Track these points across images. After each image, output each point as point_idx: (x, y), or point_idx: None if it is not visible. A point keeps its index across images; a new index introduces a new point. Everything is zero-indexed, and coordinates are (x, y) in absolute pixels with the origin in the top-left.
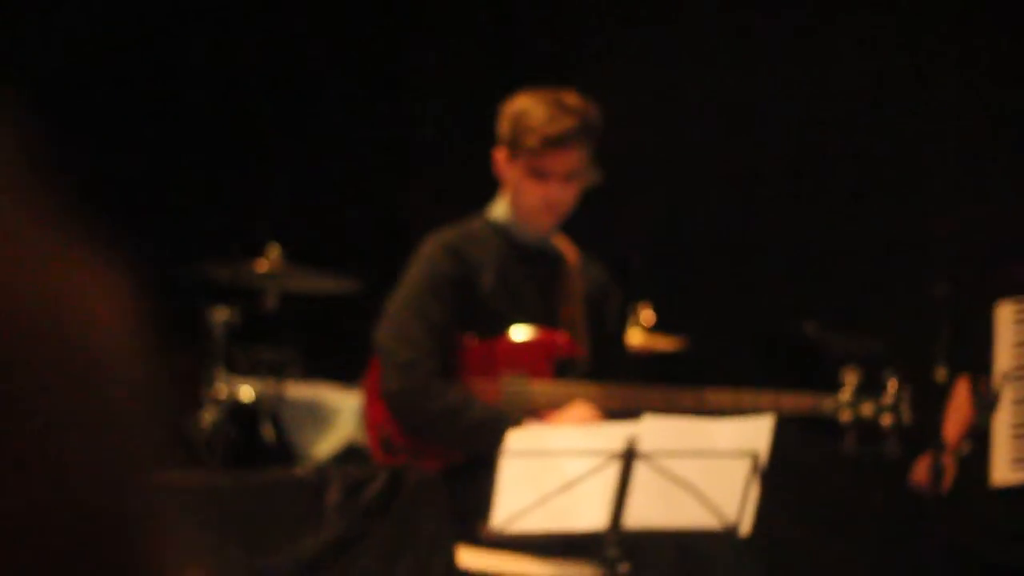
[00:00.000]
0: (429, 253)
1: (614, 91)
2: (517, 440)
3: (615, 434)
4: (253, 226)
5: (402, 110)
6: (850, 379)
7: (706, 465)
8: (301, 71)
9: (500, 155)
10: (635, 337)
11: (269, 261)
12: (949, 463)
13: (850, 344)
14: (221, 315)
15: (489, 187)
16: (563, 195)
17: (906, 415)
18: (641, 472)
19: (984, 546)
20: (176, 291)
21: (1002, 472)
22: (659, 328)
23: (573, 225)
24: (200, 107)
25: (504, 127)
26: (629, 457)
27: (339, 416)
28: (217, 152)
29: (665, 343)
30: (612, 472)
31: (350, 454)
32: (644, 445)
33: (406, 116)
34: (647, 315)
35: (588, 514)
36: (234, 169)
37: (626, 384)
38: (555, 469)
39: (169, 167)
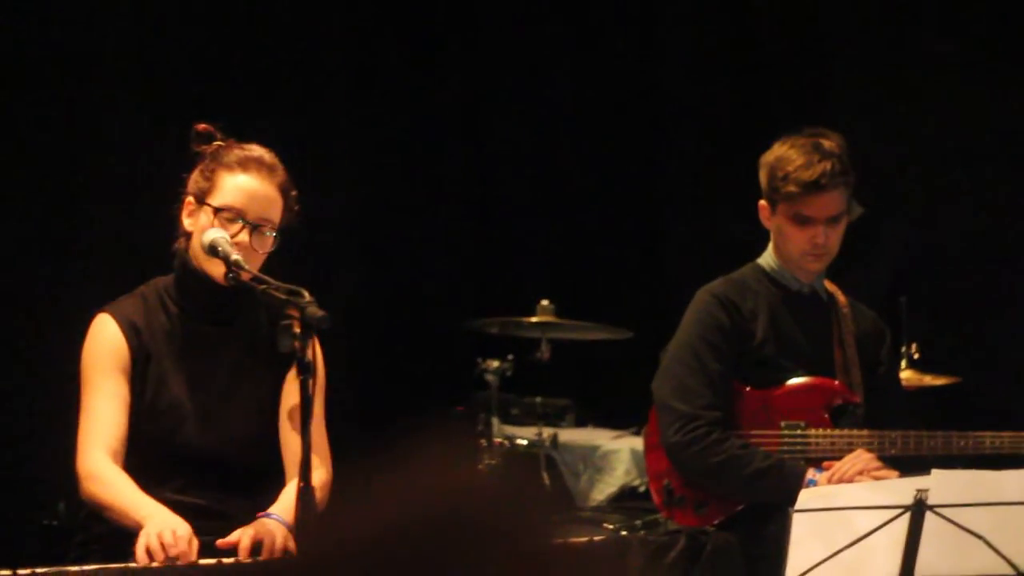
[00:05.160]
0: (702, 305)
1: (868, 126)
2: (808, 498)
3: (904, 488)
4: (524, 284)
5: (660, 162)
6: None
7: (995, 515)
8: (559, 136)
9: (763, 205)
10: (903, 373)
11: (540, 314)
12: None
13: None
14: (495, 366)
15: (754, 236)
16: (827, 238)
17: None
18: (930, 523)
19: None
20: (454, 346)
21: None
22: (928, 367)
23: (836, 269)
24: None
25: (763, 177)
26: (920, 510)
27: (614, 460)
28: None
29: (935, 379)
30: (901, 525)
31: (625, 496)
32: (933, 498)
33: (665, 168)
34: (915, 352)
35: (878, 566)
36: (503, 232)
37: (902, 428)
38: (845, 524)
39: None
